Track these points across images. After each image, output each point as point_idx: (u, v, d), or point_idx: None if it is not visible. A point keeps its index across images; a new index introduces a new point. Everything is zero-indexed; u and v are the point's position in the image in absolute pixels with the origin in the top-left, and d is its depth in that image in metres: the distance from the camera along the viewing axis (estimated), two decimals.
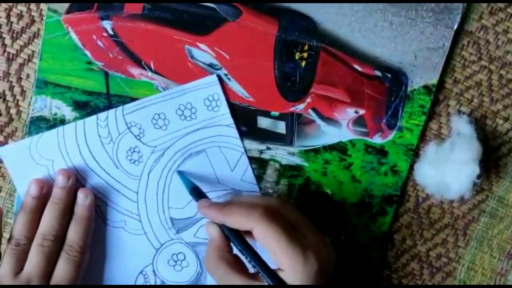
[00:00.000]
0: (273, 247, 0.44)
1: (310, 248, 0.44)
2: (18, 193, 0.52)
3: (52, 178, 0.51)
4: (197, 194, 0.50)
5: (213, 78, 0.51)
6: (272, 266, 0.44)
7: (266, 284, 0.44)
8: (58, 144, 0.51)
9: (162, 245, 0.54)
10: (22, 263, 0.48)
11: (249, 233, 0.46)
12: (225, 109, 0.52)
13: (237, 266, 0.46)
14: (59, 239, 0.49)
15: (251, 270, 0.46)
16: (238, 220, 0.45)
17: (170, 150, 0.52)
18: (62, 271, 0.49)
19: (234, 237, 0.46)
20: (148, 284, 0.54)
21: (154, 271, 0.54)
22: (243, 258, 0.46)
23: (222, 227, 0.47)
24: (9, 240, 0.49)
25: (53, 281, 0.48)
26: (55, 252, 0.49)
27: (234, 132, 0.53)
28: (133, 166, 0.52)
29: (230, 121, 0.52)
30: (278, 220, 0.44)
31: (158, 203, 0.53)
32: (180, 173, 0.52)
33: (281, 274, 0.44)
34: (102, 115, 0.51)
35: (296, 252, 0.43)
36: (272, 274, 0.44)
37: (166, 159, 0.52)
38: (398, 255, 0.57)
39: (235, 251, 0.47)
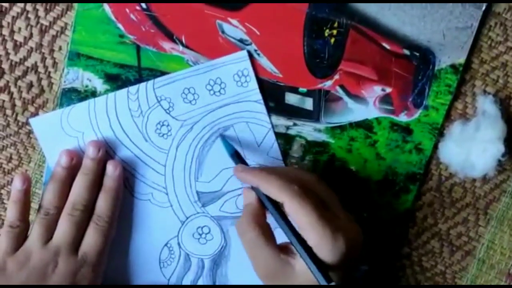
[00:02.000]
0: (303, 224, 0.44)
1: (340, 230, 0.45)
2: (47, 164, 0.52)
3: (82, 149, 0.52)
4: (237, 159, 0.51)
5: (243, 53, 0.52)
6: None
7: (292, 256, 0.45)
8: (89, 116, 0.52)
9: (187, 218, 0.55)
10: (51, 232, 0.49)
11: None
12: (254, 85, 0.53)
13: (268, 234, 0.47)
14: (88, 209, 0.50)
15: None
16: (272, 191, 0.46)
17: (199, 124, 0.53)
18: (90, 240, 0.49)
19: (270, 204, 0.47)
20: (172, 256, 0.55)
21: (179, 243, 0.55)
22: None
23: (260, 195, 0.48)
24: (39, 209, 0.50)
25: (82, 250, 0.49)
26: (84, 222, 0.50)
27: (262, 108, 0.53)
28: (162, 140, 0.53)
29: (259, 97, 0.53)
30: (311, 198, 0.45)
31: (185, 177, 0.54)
32: (223, 138, 0.53)
33: None
34: (132, 88, 0.52)
35: (327, 232, 0.44)
36: (305, 246, 0.44)
37: (195, 133, 0.53)
38: (419, 233, 0.58)
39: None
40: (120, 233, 0.53)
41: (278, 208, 0.47)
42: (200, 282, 0.56)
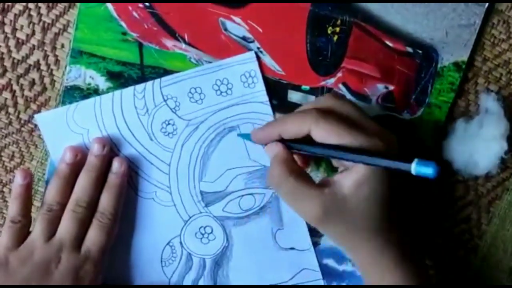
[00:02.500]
0: (336, 141, 0.43)
1: (375, 135, 0.43)
2: (51, 160, 0.52)
3: (86, 146, 0.51)
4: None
5: (251, 54, 0.52)
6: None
7: (337, 187, 0.43)
8: (94, 113, 0.51)
9: (190, 217, 0.54)
10: (54, 228, 0.49)
11: None
12: (261, 86, 0.52)
13: (305, 175, 0.45)
14: (92, 206, 0.50)
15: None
16: (294, 126, 0.45)
17: (204, 124, 0.53)
18: (93, 237, 0.49)
19: (300, 142, 0.45)
20: (174, 255, 0.55)
21: (181, 242, 0.55)
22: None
23: (284, 141, 0.46)
24: (42, 206, 0.50)
25: (84, 246, 0.49)
26: (87, 219, 0.50)
27: (268, 109, 0.53)
28: (167, 139, 0.53)
29: (265, 98, 0.53)
30: (333, 116, 0.44)
31: (189, 176, 0.54)
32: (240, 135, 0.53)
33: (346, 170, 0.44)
34: (139, 87, 0.51)
35: (362, 140, 0.42)
36: (360, 151, 0.42)
37: (200, 133, 0.53)
38: (421, 231, 0.58)
39: None
40: (122, 231, 0.53)
41: (306, 141, 0.45)
42: (201, 282, 0.55)
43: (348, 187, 0.43)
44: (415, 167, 0.38)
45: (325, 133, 0.43)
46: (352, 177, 0.43)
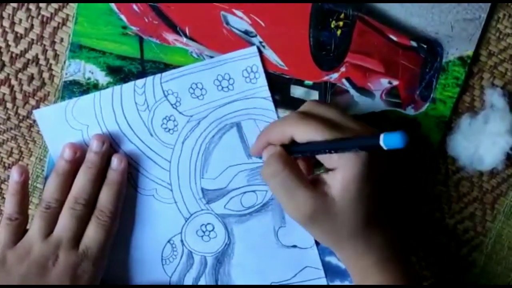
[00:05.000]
0: (315, 139, 0.43)
1: (353, 131, 0.43)
2: (50, 157, 0.51)
3: (86, 143, 0.51)
4: None
5: (253, 49, 0.51)
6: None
7: (327, 187, 0.44)
8: (94, 109, 0.51)
9: (191, 215, 0.54)
10: (52, 225, 0.48)
11: None
12: (263, 82, 0.52)
13: (299, 170, 0.45)
14: (91, 204, 0.49)
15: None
16: (278, 132, 0.46)
17: (206, 120, 0.52)
18: (91, 235, 0.49)
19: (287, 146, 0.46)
20: (175, 253, 0.54)
21: (182, 240, 0.54)
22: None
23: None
24: (40, 203, 0.49)
25: (83, 244, 0.48)
26: (85, 216, 0.49)
27: (270, 105, 0.52)
28: (168, 135, 0.52)
29: (267, 93, 0.52)
30: (313, 118, 0.44)
31: (191, 173, 0.53)
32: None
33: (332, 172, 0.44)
34: (139, 82, 0.51)
35: (338, 135, 0.42)
36: (365, 137, 0.42)
37: (201, 129, 0.52)
38: (426, 228, 0.57)
39: None
40: (122, 228, 0.52)
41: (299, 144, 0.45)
42: (202, 280, 0.55)
43: (336, 189, 0.43)
44: (383, 139, 0.37)
45: (305, 134, 0.43)
46: (340, 178, 0.43)
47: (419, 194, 0.56)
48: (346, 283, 0.57)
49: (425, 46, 0.52)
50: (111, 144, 0.51)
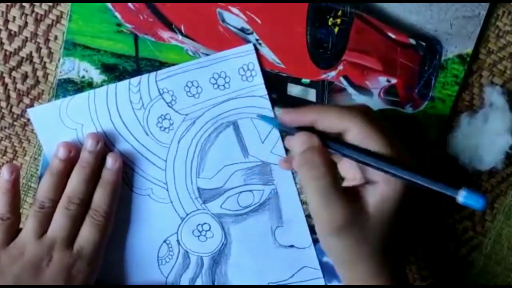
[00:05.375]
0: (375, 148, 0.41)
1: (405, 152, 0.42)
2: (44, 156, 0.51)
3: (80, 142, 0.50)
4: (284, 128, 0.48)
5: (249, 47, 0.50)
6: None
7: (363, 201, 0.42)
8: (88, 107, 0.50)
9: (187, 214, 0.53)
10: (46, 225, 0.48)
11: None
12: (259, 80, 0.51)
13: (338, 180, 0.42)
14: (85, 203, 0.49)
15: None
16: (333, 119, 0.42)
17: (201, 119, 0.51)
18: (86, 235, 0.48)
19: (331, 139, 0.42)
20: (171, 253, 0.53)
21: (178, 240, 0.53)
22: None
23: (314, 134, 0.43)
24: (33, 203, 0.49)
25: (77, 244, 0.48)
26: (80, 216, 0.49)
27: (267, 103, 0.52)
28: (163, 134, 0.51)
29: (264, 92, 0.51)
30: (377, 121, 0.41)
31: (186, 172, 0.52)
32: (263, 117, 0.50)
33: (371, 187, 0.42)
34: (134, 80, 0.50)
35: (400, 154, 0.41)
36: (392, 161, 0.40)
37: (197, 127, 0.52)
38: (425, 228, 0.57)
39: None
40: (118, 228, 0.52)
41: (336, 139, 0.42)
42: (199, 280, 0.54)
43: (374, 207, 0.41)
44: (463, 198, 0.38)
45: (365, 139, 0.41)
46: (379, 196, 0.41)
47: (418, 194, 0.55)
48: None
49: (424, 44, 0.52)
50: (106, 143, 0.51)
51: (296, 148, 0.43)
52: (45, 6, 0.49)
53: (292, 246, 0.55)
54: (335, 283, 0.56)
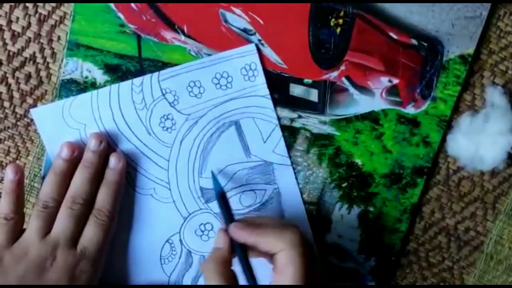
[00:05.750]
0: (288, 274, 0.43)
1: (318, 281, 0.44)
2: (47, 156, 0.51)
3: (83, 142, 0.50)
4: (223, 202, 0.49)
5: (251, 47, 0.50)
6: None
7: None
8: (91, 107, 0.50)
9: (190, 214, 0.53)
10: (50, 225, 0.48)
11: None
12: (261, 80, 0.51)
13: (232, 282, 0.45)
14: (88, 203, 0.49)
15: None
16: (270, 242, 0.44)
17: (204, 118, 0.52)
18: (89, 235, 0.48)
19: (242, 256, 0.46)
20: (174, 252, 0.53)
21: (180, 240, 0.54)
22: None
23: (235, 242, 0.46)
24: (37, 202, 0.49)
25: (80, 244, 0.48)
26: (83, 216, 0.49)
27: (269, 103, 0.52)
28: (166, 134, 0.51)
29: (266, 92, 0.52)
30: (305, 250, 0.43)
31: (189, 172, 0.52)
32: (214, 175, 0.51)
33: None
34: (137, 80, 0.50)
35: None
36: None
37: (199, 127, 0.52)
38: (426, 228, 0.57)
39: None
40: (120, 228, 0.52)
41: (247, 258, 0.46)
42: (201, 280, 0.54)
43: None
44: None
45: (287, 262, 0.43)
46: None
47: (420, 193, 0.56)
48: (347, 283, 0.57)
49: (425, 44, 0.52)
50: (109, 143, 0.51)
51: (214, 242, 0.47)
52: (48, 6, 0.49)
53: None
54: (337, 282, 0.56)
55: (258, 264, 0.45)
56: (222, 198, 0.49)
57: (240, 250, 0.46)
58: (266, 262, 0.46)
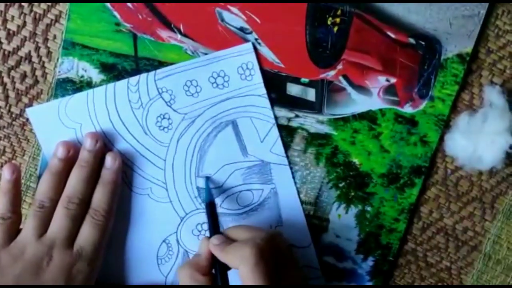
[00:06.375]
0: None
1: None
2: (43, 156, 0.51)
3: (79, 141, 0.50)
4: (211, 212, 0.49)
5: (248, 46, 0.50)
6: None
7: None
8: (87, 107, 0.50)
9: (187, 214, 0.53)
10: (46, 225, 0.48)
11: None
12: (258, 79, 0.51)
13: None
14: (85, 203, 0.49)
15: None
16: (230, 259, 0.45)
17: (201, 118, 0.51)
18: (86, 234, 0.48)
19: (220, 271, 0.47)
20: (170, 252, 0.53)
21: (177, 240, 0.53)
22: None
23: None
24: (33, 202, 0.48)
25: (77, 244, 0.48)
26: (80, 216, 0.48)
27: (266, 102, 0.52)
28: (162, 133, 0.51)
29: (263, 91, 0.51)
30: (264, 263, 0.43)
31: (186, 172, 0.52)
32: (207, 180, 0.51)
33: None
34: (133, 79, 0.50)
35: None
36: None
37: (196, 127, 0.52)
38: (424, 228, 0.57)
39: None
40: (117, 228, 0.52)
41: (224, 275, 0.47)
42: None
43: None
44: None
45: (246, 278, 0.43)
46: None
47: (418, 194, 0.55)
48: (344, 283, 0.56)
49: (423, 43, 0.51)
50: (105, 142, 0.50)
51: (198, 248, 0.48)
52: (43, 5, 0.49)
53: (292, 245, 0.55)
54: (335, 283, 0.56)
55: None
56: (211, 207, 0.50)
57: (218, 264, 0.46)
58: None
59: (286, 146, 0.53)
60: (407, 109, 0.53)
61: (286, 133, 0.53)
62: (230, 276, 0.47)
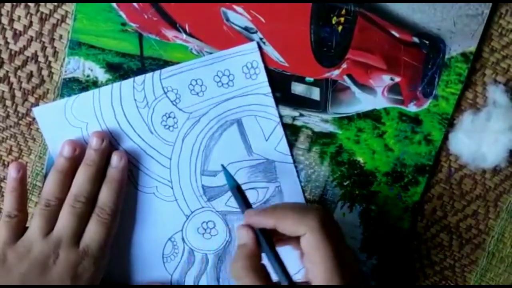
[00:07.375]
0: (317, 258, 0.41)
1: (347, 267, 0.42)
2: (49, 154, 0.51)
3: (85, 140, 0.50)
4: (239, 194, 0.48)
5: (252, 45, 0.50)
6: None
7: None
8: (93, 106, 0.50)
9: (192, 212, 0.53)
10: (52, 223, 0.48)
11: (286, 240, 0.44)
12: (263, 78, 0.51)
13: (264, 278, 0.43)
14: (91, 201, 0.49)
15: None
16: (289, 226, 0.42)
17: (206, 117, 0.52)
18: (92, 233, 0.48)
19: (268, 246, 0.44)
20: (176, 250, 0.54)
21: (183, 238, 0.54)
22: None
23: (258, 234, 0.44)
24: (39, 201, 0.49)
25: (83, 242, 0.48)
26: (86, 214, 0.49)
27: (271, 101, 0.52)
28: (168, 132, 0.51)
29: (268, 90, 0.52)
30: (331, 232, 0.42)
31: (191, 170, 0.53)
32: (225, 168, 0.50)
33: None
34: (138, 79, 0.50)
35: (338, 270, 0.41)
36: None
37: (201, 126, 0.52)
38: (428, 226, 0.57)
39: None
40: (123, 226, 0.52)
41: (274, 248, 0.44)
42: (203, 278, 0.55)
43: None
44: None
45: (313, 245, 0.41)
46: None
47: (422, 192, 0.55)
48: None
49: (427, 42, 0.52)
50: (111, 141, 0.51)
51: (237, 239, 0.45)
52: (50, 5, 0.49)
53: None
54: None
55: (283, 251, 0.44)
56: (239, 191, 0.48)
57: (266, 241, 0.44)
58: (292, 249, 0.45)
59: (291, 145, 0.53)
60: (411, 108, 0.53)
61: (291, 132, 0.53)
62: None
